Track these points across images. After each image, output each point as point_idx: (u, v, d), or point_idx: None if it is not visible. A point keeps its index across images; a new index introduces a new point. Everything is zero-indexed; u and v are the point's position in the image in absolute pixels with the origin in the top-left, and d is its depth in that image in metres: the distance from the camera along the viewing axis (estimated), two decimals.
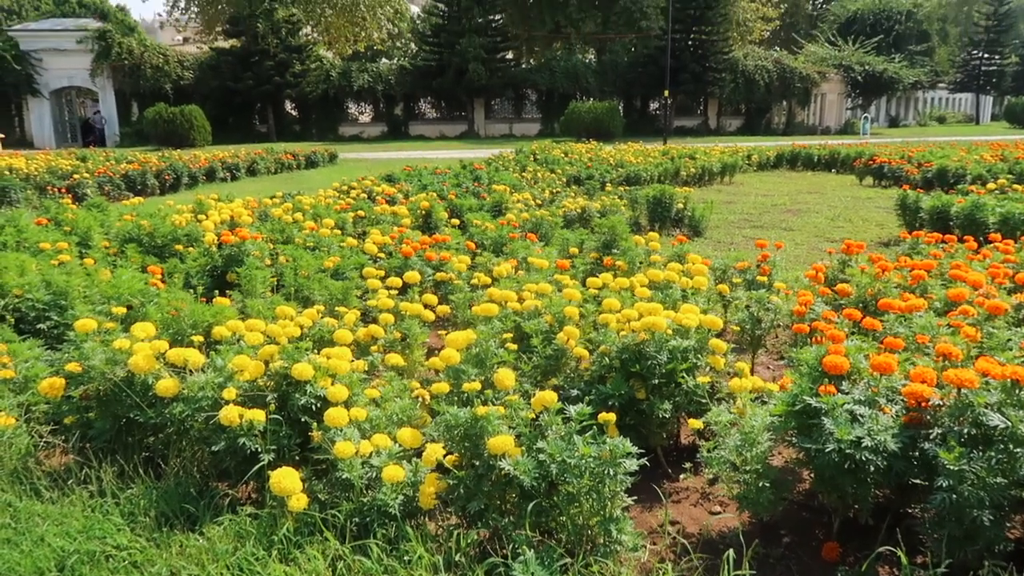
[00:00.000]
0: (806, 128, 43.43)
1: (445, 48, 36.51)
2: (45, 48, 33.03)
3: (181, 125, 28.51)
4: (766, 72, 40.62)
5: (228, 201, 7.85)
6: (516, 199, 8.91)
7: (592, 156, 15.91)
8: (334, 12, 40.91)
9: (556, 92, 38.58)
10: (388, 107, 39.11)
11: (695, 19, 38.17)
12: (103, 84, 33.87)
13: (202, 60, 35.64)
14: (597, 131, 31.72)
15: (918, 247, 5.51)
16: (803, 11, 62.60)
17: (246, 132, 35.40)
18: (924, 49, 55.40)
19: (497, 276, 4.75)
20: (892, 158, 15.08)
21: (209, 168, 15.94)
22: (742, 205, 11.96)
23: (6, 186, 11.25)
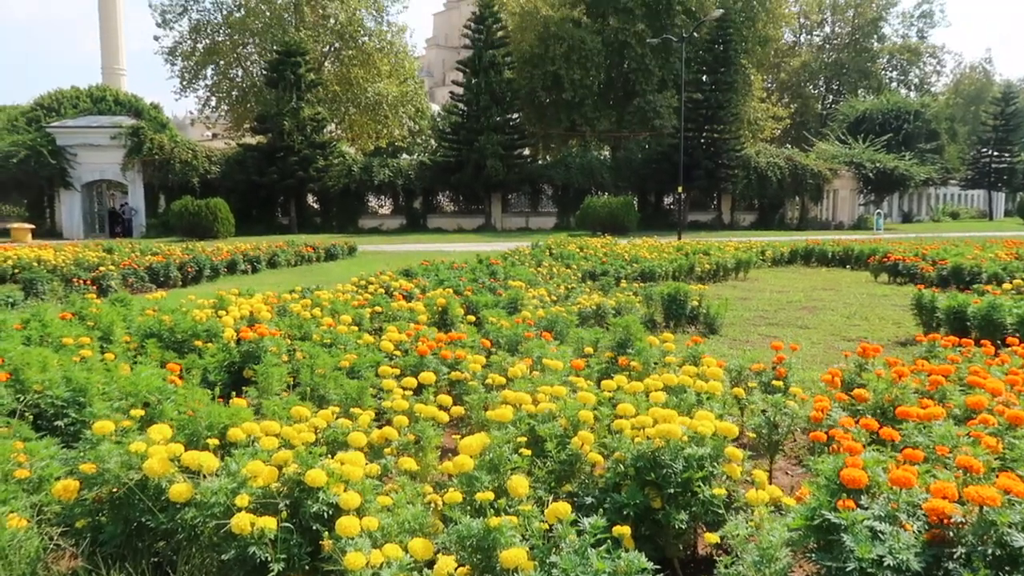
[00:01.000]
0: (819, 223, 43.87)
1: (464, 145, 37.64)
2: (80, 144, 34.42)
3: (206, 217, 29.29)
4: (778, 169, 41.41)
5: (248, 296, 7.98)
6: (532, 295, 8.99)
7: (607, 251, 16.11)
8: (358, 111, 42.54)
9: (572, 187, 39.44)
10: (407, 200, 40.05)
11: (707, 118, 39.29)
12: (133, 177, 35.06)
13: (229, 155, 36.91)
14: (612, 225, 32.25)
15: (935, 350, 5.48)
16: (813, 111, 64.38)
17: (269, 224, 36.28)
18: (934, 147, 56.43)
19: (512, 376, 4.76)
20: (906, 255, 15.15)
21: (231, 260, 16.27)
22: (757, 302, 11.98)
23: (33, 278, 11.51)
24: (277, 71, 35.75)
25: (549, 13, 40.60)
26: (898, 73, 67.33)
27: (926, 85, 67.16)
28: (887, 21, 65.27)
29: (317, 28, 41.40)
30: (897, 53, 65.46)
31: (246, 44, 42.59)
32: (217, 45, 41.90)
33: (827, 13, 65.92)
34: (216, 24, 42.02)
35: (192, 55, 42.21)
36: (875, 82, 64.33)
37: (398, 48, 43.45)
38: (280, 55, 36.04)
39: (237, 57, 42.84)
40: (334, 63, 43.15)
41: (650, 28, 40.99)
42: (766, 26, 46.78)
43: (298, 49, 36.27)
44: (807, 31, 67.72)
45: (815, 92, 67.01)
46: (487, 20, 38.44)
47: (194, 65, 42.40)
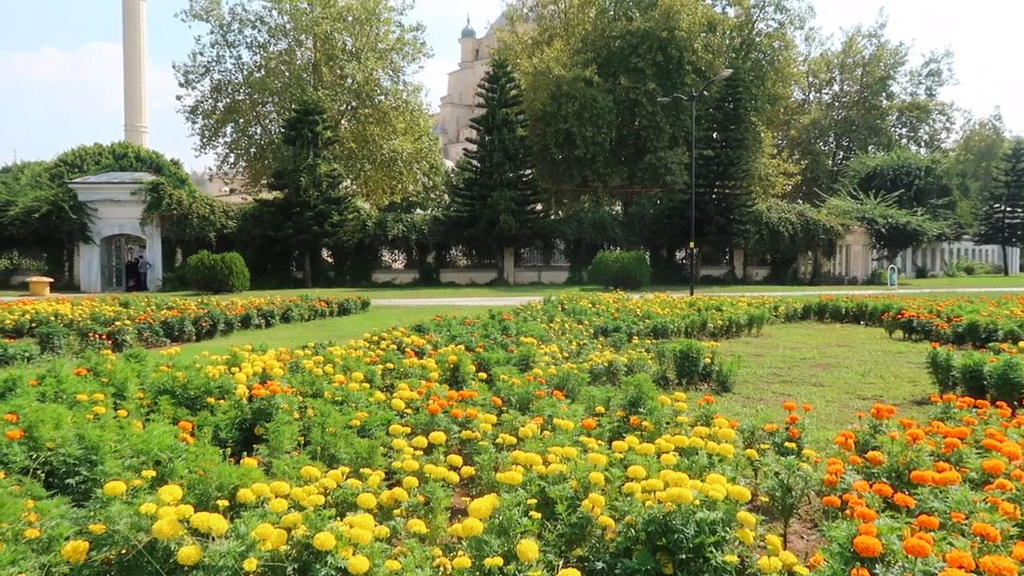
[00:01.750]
0: (833, 278, 43.77)
1: (477, 200, 38.07)
2: (101, 199, 35.12)
3: (221, 271, 29.63)
4: (790, 224, 41.55)
5: (261, 352, 8.03)
6: (543, 352, 8.99)
7: (619, 307, 16.12)
8: (373, 167, 43.26)
9: (584, 242, 39.68)
10: (421, 255, 40.37)
11: (718, 174, 39.65)
12: (151, 232, 35.61)
13: (246, 210, 37.49)
14: (624, 280, 32.30)
15: (950, 411, 5.42)
16: (823, 167, 64.80)
17: (283, 277, 36.62)
18: (946, 203, 56.53)
19: (523, 436, 4.75)
20: (921, 312, 15.06)
21: (245, 315, 16.39)
22: (770, 359, 11.90)
23: (50, 333, 11.63)
24: (295, 129, 36.55)
25: (561, 73, 41.42)
26: (908, 130, 67.87)
27: (936, 141, 67.59)
28: (895, 79, 66.04)
29: (335, 87, 42.41)
30: (906, 111, 66.10)
31: (265, 103, 43.65)
32: (237, 104, 42.95)
33: (835, 72, 66.86)
34: (237, 84, 43.14)
35: (213, 113, 43.27)
36: (885, 139, 64.85)
37: (413, 107, 44.36)
38: (298, 113, 36.89)
39: (256, 115, 43.87)
40: (351, 121, 44.06)
41: (661, 87, 41.72)
42: (775, 84, 47.50)
43: (316, 108, 37.12)
44: (816, 89, 68.65)
45: (825, 148, 67.54)
46: (500, 80, 39.27)
47: (214, 123, 43.44)
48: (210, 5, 42.23)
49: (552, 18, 48.99)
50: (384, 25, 43.46)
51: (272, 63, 42.27)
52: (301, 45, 43.01)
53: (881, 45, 64.71)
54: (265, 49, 42.88)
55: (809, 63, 64.86)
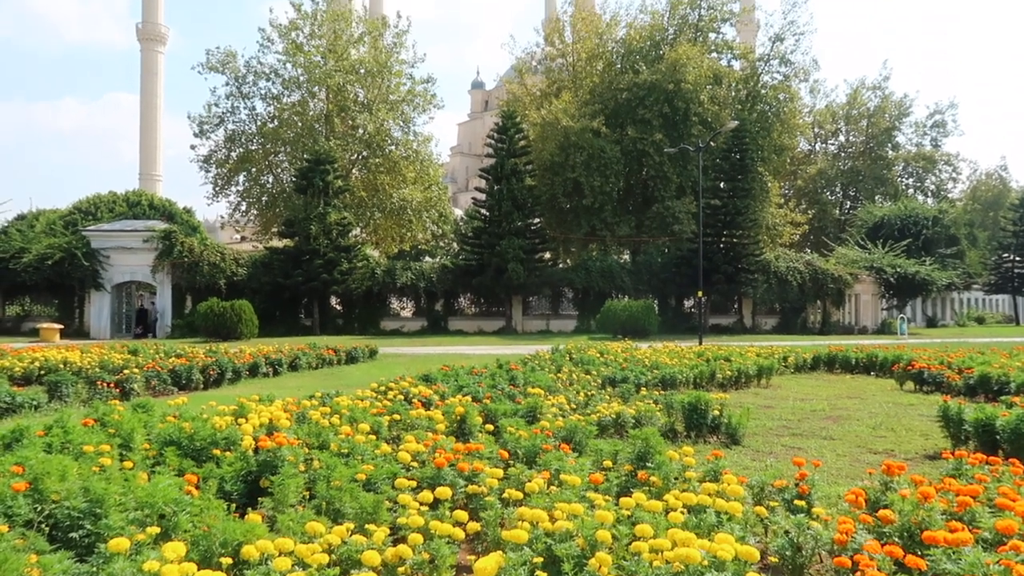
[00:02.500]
0: (842, 328, 43.54)
1: (486, 249, 38.28)
2: (114, 246, 35.50)
3: (230, 319, 29.76)
4: (798, 273, 41.53)
5: (268, 402, 8.02)
6: (551, 403, 8.96)
7: (627, 356, 16.07)
8: (383, 215, 43.71)
9: (592, 290, 39.72)
10: (429, 303, 40.45)
11: (726, 224, 39.82)
12: (162, 279, 35.88)
13: (256, 258, 37.80)
14: (633, 328, 32.27)
15: (962, 468, 5.35)
16: (831, 216, 65.04)
17: (292, 325, 36.71)
18: (954, 252, 56.46)
19: (529, 491, 4.71)
20: (931, 363, 14.94)
21: (253, 363, 16.41)
22: (780, 411, 11.80)
23: (58, 381, 11.66)
24: (306, 178, 37.04)
25: (569, 124, 42.00)
26: (914, 180, 68.18)
27: (943, 192, 67.82)
28: (900, 130, 66.59)
29: (346, 138, 43.13)
30: (912, 161, 66.51)
31: (278, 152, 44.36)
32: (250, 153, 43.66)
33: (841, 123, 67.52)
34: (250, 134, 43.93)
35: (226, 163, 43.97)
36: (891, 189, 65.13)
37: (423, 156, 44.99)
38: (310, 163, 37.43)
39: (269, 164, 44.55)
40: (361, 170, 44.67)
41: (667, 138, 42.21)
42: (781, 135, 48.00)
43: (327, 157, 37.68)
44: (822, 140, 69.27)
45: (832, 198, 67.87)
46: (509, 130, 39.84)
47: (227, 172, 44.11)
48: (226, 58, 43.27)
49: (560, 71, 49.92)
50: (396, 78, 44.36)
51: (285, 114, 43.08)
52: (314, 97, 43.86)
53: (885, 97, 65.44)
54: (279, 100, 43.74)
55: (814, 114, 65.58)
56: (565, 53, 49.26)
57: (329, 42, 42.88)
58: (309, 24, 43.34)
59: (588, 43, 46.85)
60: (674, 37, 46.11)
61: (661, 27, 46.76)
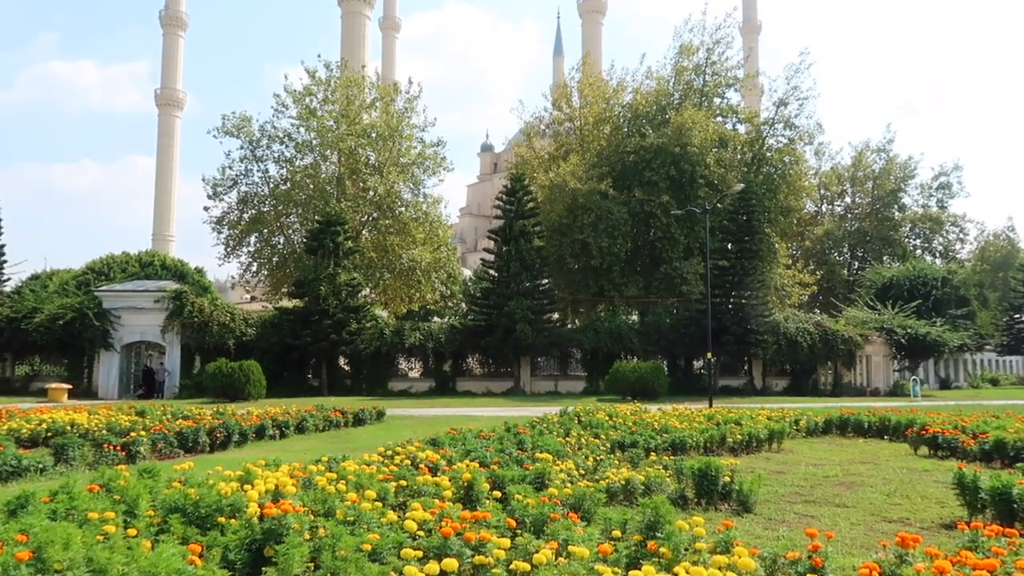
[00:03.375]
0: (854, 389, 43.07)
1: (494, 309, 38.35)
2: (125, 307, 35.77)
3: (238, 379, 29.76)
4: (808, 334, 41.28)
5: (274, 467, 7.97)
6: (559, 468, 8.87)
7: (636, 419, 15.93)
8: (392, 276, 43.99)
9: (601, 351, 39.54)
10: (437, 363, 40.33)
11: (734, 284, 39.87)
12: (171, 339, 36.01)
13: (265, 318, 37.96)
14: (642, 390, 32.05)
15: (978, 540, 5.25)
16: (839, 277, 65.02)
17: (300, 385, 36.64)
18: (965, 313, 56.13)
19: (537, 563, 4.64)
20: (946, 428, 14.73)
21: (259, 426, 16.33)
22: (792, 476, 11.61)
23: (65, 444, 11.62)
24: (317, 239, 37.44)
25: (577, 186, 42.53)
26: (922, 241, 68.28)
27: (951, 252, 67.83)
28: (906, 192, 66.98)
29: (357, 199, 43.73)
30: (919, 222, 66.74)
31: (289, 214, 44.93)
32: (262, 215, 44.26)
33: (846, 185, 68.07)
34: (263, 196, 44.60)
35: (238, 224, 44.53)
36: (899, 249, 65.20)
37: (433, 218, 45.50)
38: (321, 224, 37.88)
39: (280, 226, 45.10)
40: (371, 231, 45.15)
41: (674, 199, 42.62)
42: (787, 197, 48.40)
43: (338, 219, 38.16)
44: (828, 201, 69.71)
45: (840, 259, 67.95)
46: (518, 192, 40.34)
47: (239, 233, 44.63)
48: (242, 123, 44.27)
49: (568, 134, 50.80)
50: (406, 141, 45.22)
51: (298, 176, 43.81)
52: (326, 160, 44.67)
53: (890, 159, 66.10)
54: (292, 163, 44.55)
55: (820, 176, 66.20)
56: (573, 117, 50.22)
57: (342, 107, 43.90)
58: (323, 90, 44.47)
59: (595, 108, 47.78)
60: (679, 102, 46.97)
61: (667, 92, 47.70)
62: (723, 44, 47.52)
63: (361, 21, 77.58)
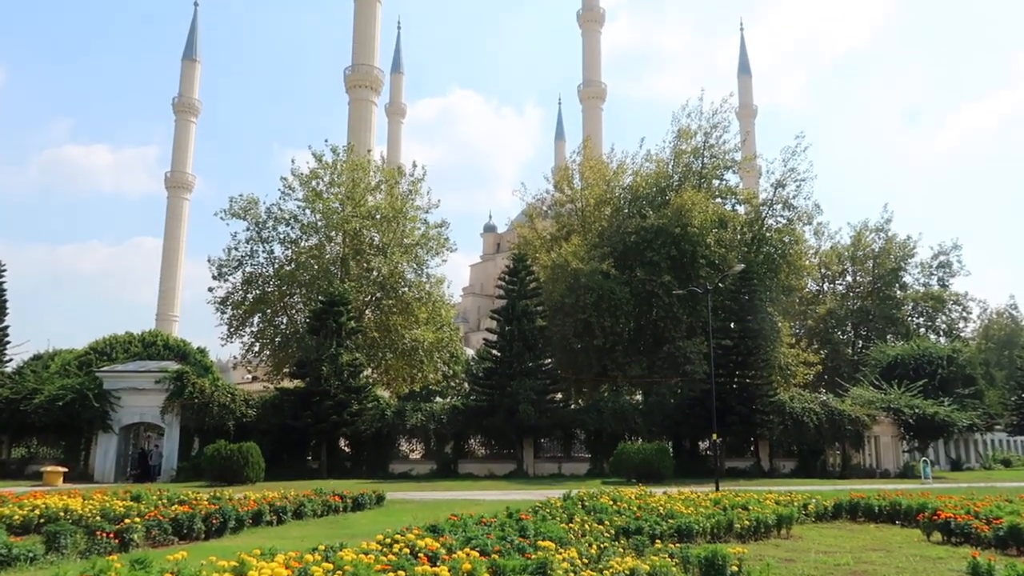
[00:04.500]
0: (863, 471, 42.25)
1: (496, 390, 38.06)
2: (125, 387, 35.58)
3: (237, 462, 29.36)
4: (814, 414, 40.78)
5: (270, 557, 7.78)
6: (561, 558, 8.64)
7: (641, 503, 15.59)
8: (394, 356, 43.87)
9: (604, 432, 38.99)
10: (439, 445, 39.75)
11: (738, 364, 39.65)
12: (171, 420, 35.65)
13: (266, 399, 37.69)
14: (647, 472, 31.54)
15: None
16: (843, 356, 64.67)
17: (299, 467, 36.04)
18: (972, 392, 55.56)
19: None
20: (958, 513, 14.38)
21: (257, 511, 16.00)
22: (802, 565, 11.28)
23: (57, 532, 11.34)
24: (320, 319, 37.53)
25: (579, 266, 42.84)
26: (925, 319, 68.14)
27: (955, 331, 67.58)
28: (907, 271, 67.24)
29: (361, 280, 44.05)
30: (921, 300, 66.76)
31: (293, 294, 45.19)
32: (266, 295, 44.51)
33: (847, 264, 68.46)
34: (267, 276, 44.97)
35: (242, 304, 44.72)
36: (903, 328, 65.03)
37: (436, 298, 45.73)
38: (324, 305, 38.03)
39: (284, 306, 45.30)
40: (374, 311, 45.31)
41: (676, 279, 42.83)
42: (788, 276, 48.62)
43: (341, 299, 38.34)
44: (829, 280, 70.02)
45: (844, 338, 67.73)
46: (520, 272, 40.64)
47: (243, 313, 44.77)
48: (249, 205, 45.03)
49: (569, 215, 51.53)
50: (410, 222, 45.88)
51: (302, 257, 44.25)
52: (331, 240, 45.22)
53: (889, 239, 66.67)
54: (297, 244, 45.07)
55: (820, 255, 66.67)
56: (574, 198, 51.04)
57: (347, 190, 44.73)
58: (329, 173, 45.40)
59: (596, 189, 48.61)
60: (679, 184, 47.76)
61: (666, 174, 48.57)
62: (720, 128, 48.64)
63: (368, 107, 79.85)
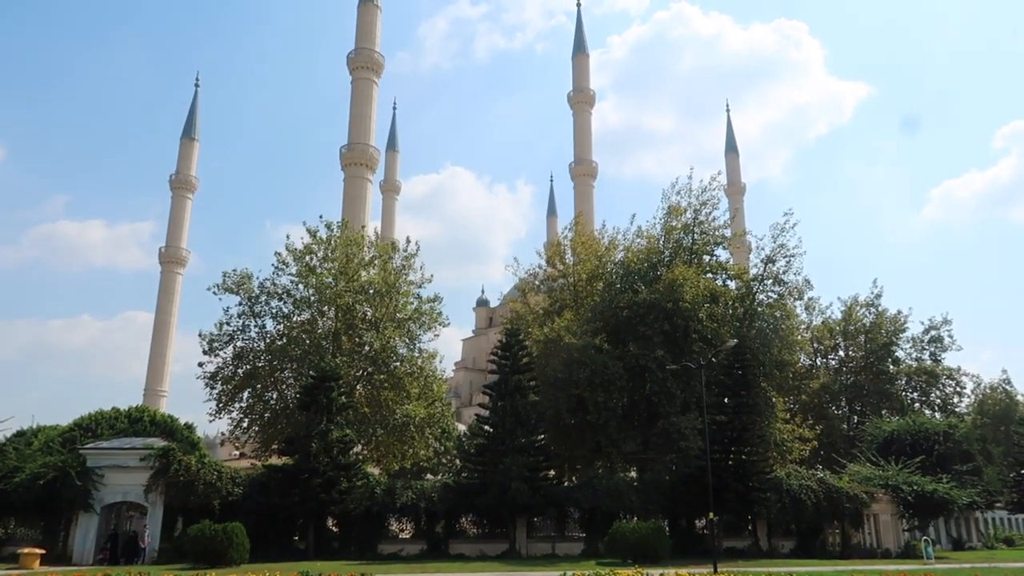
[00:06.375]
0: (864, 550, 41.35)
1: (489, 467, 37.42)
2: (109, 465, 34.76)
3: (221, 542, 28.54)
4: (811, 492, 40.11)
5: None
6: None
7: None
8: (385, 432, 43.17)
9: (599, 510, 38.15)
10: (429, 524, 38.78)
11: (733, 440, 39.22)
12: (155, 499, 34.69)
13: (253, 476, 36.86)
14: (643, 552, 30.88)
15: None
16: (839, 431, 64.06)
17: (285, 548, 35.02)
18: (970, 468, 54.88)
19: None
20: None
21: None
22: None
23: None
24: (311, 395, 37.08)
25: (572, 341, 42.76)
26: (919, 394, 67.77)
27: (949, 406, 67.14)
28: (899, 346, 67.34)
29: (352, 354, 43.73)
30: (914, 375, 66.56)
31: (284, 369, 44.70)
32: (257, 370, 44.01)
33: (839, 339, 68.57)
34: (258, 351, 44.53)
35: (232, 379, 44.15)
36: (897, 403, 64.65)
37: (428, 373, 45.34)
38: (315, 380, 37.65)
39: (274, 381, 44.74)
40: (365, 386, 44.82)
41: (669, 354, 42.75)
42: (781, 351, 48.55)
43: (333, 374, 38.00)
44: (822, 355, 69.92)
45: (839, 413, 67.22)
46: (513, 347, 40.51)
47: (232, 388, 44.16)
48: (242, 279, 44.99)
49: (562, 290, 51.77)
50: (403, 297, 45.90)
51: (294, 332, 43.98)
52: (323, 315, 45.03)
53: (880, 314, 66.98)
54: (289, 319, 44.86)
55: (812, 330, 66.78)
56: (566, 274, 51.39)
57: (341, 265, 44.88)
58: (323, 248, 45.61)
59: (588, 265, 49.00)
60: (670, 259, 48.21)
61: (657, 250, 49.09)
62: (709, 205, 49.44)
63: (363, 184, 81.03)
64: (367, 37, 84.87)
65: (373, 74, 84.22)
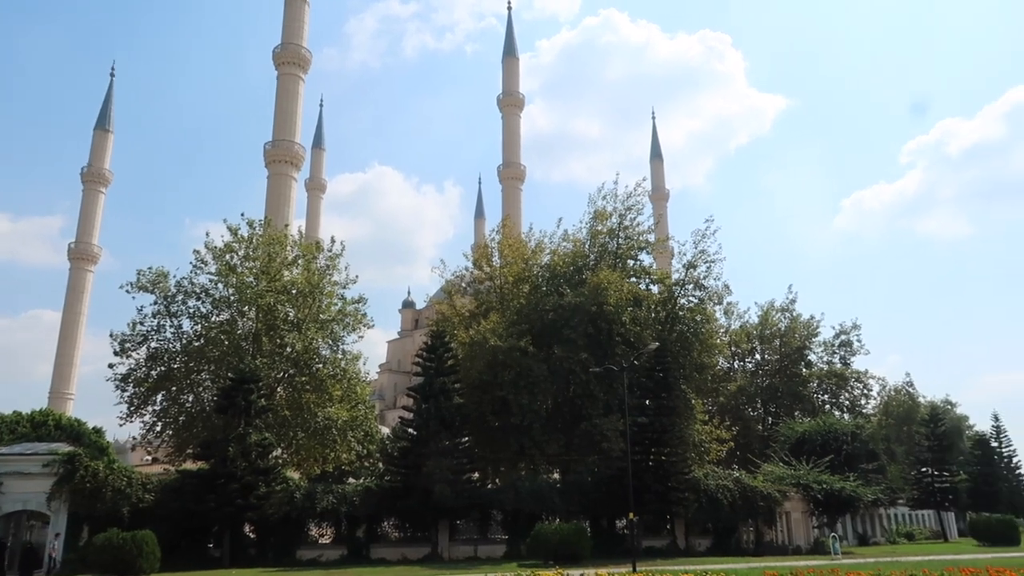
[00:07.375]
0: (776, 548, 42.84)
1: (412, 470, 37.14)
2: (9, 472, 33.05)
3: (130, 552, 27.41)
4: (728, 491, 41.35)
5: None
6: None
7: None
8: (306, 435, 42.18)
9: (522, 512, 38.34)
10: (350, 529, 38.21)
11: (653, 441, 40.05)
12: (58, 507, 33.14)
13: (166, 482, 35.62)
14: (565, 553, 31.15)
15: None
16: (754, 432, 66.29)
17: (199, 556, 34.04)
18: (876, 467, 57.64)
19: None
20: None
21: None
22: None
23: None
24: (229, 398, 36.04)
25: (497, 343, 42.82)
26: (829, 396, 70.86)
27: (857, 407, 70.44)
28: (812, 349, 70.24)
29: (273, 356, 42.55)
30: (825, 378, 69.58)
31: (201, 371, 43.18)
32: (172, 372, 42.34)
33: (755, 342, 71.00)
34: (174, 352, 42.86)
35: (145, 381, 42.31)
36: (809, 404, 67.45)
37: (351, 375, 44.56)
38: (234, 382, 36.59)
39: (190, 383, 43.16)
40: (286, 388, 43.76)
41: (593, 356, 43.30)
42: (701, 354, 49.78)
43: (252, 376, 36.99)
44: (740, 358, 72.28)
45: (754, 414, 69.59)
46: (438, 349, 40.33)
47: (145, 391, 42.35)
48: (157, 278, 43.18)
49: (488, 292, 51.82)
50: (327, 298, 44.99)
51: (213, 332, 42.52)
52: (244, 316, 43.66)
53: (794, 318, 69.73)
54: (207, 319, 43.34)
55: (730, 334, 68.94)
56: (493, 276, 51.46)
57: (263, 264, 43.65)
58: (244, 247, 44.27)
59: (515, 267, 49.20)
60: (595, 263, 48.92)
61: (583, 254, 49.71)
62: (634, 210, 50.41)
63: (287, 182, 79.23)
64: (294, 32, 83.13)
65: (299, 70, 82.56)
